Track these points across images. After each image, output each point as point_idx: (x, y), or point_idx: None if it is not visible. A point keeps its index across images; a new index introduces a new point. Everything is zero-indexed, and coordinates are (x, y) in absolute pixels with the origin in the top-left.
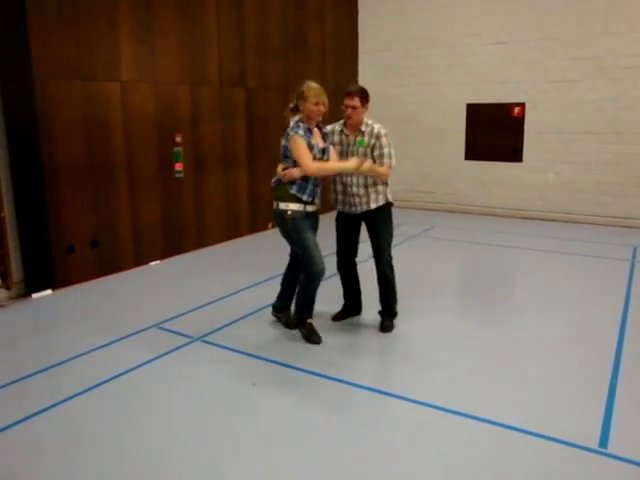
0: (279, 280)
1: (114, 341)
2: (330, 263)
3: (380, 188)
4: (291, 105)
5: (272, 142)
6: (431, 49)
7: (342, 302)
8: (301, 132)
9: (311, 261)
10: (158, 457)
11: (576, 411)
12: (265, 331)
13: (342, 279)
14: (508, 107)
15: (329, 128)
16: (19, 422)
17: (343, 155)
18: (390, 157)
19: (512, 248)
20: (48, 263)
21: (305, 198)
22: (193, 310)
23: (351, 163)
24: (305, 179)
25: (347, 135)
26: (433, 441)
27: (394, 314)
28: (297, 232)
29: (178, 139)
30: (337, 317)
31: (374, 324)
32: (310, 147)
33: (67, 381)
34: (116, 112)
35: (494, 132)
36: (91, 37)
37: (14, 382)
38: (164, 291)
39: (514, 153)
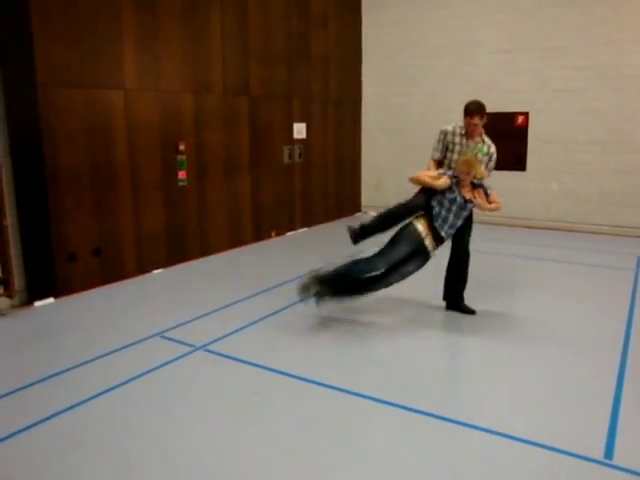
0: (283, 288)
1: (116, 350)
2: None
3: None
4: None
5: (275, 150)
6: (434, 58)
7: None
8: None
9: None
10: (160, 467)
11: (581, 422)
12: (268, 340)
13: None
14: (511, 116)
15: (449, 128)
16: (21, 431)
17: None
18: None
19: (515, 257)
20: (50, 271)
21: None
22: (196, 319)
23: (442, 181)
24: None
25: (467, 139)
26: (436, 451)
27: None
28: None
29: (181, 147)
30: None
31: (380, 335)
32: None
33: (69, 390)
34: (119, 120)
35: (497, 141)
36: (95, 45)
37: (16, 391)
38: (167, 299)
39: (517, 162)
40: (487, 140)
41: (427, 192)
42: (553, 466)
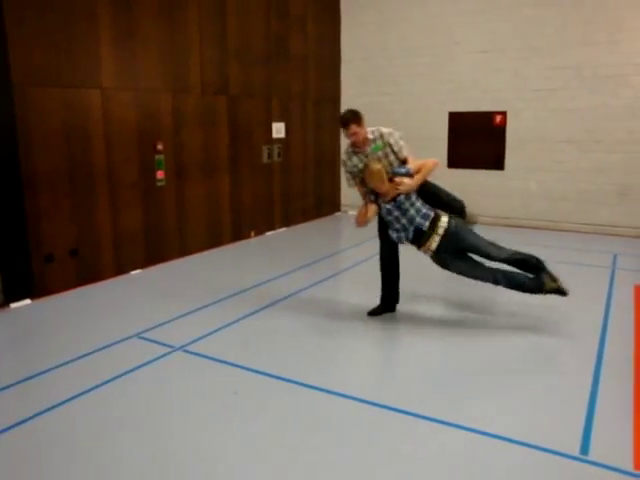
0: (261, 288)
1: (94, 351)
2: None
3: None
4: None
5: (254, 150)
6: (414, 58)
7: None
8: None
9: None
10: (140, 468)
11: (557, 418)
12: (247, 340)
13: (384, 273)
14: (490, 115)
15: (344, 157)
16: None
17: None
18: (403, 148)
19: None
20: (27, 272)
21: None
22: (175, 319)
23: (371, 211)
24: None
25: (361, 152)
26: (413, 448)
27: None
28: None
29: (159, 147)
30: (374, 312)
31: (360, 335)
32: None
33: (47, 392)
34: (97, 120)
35: (476, 140)
36: (71, 44)
37: None
38: (145, 300)
39: (496, 161)
40: (380, 132)
41: (379, 228)
42: (528, 462)
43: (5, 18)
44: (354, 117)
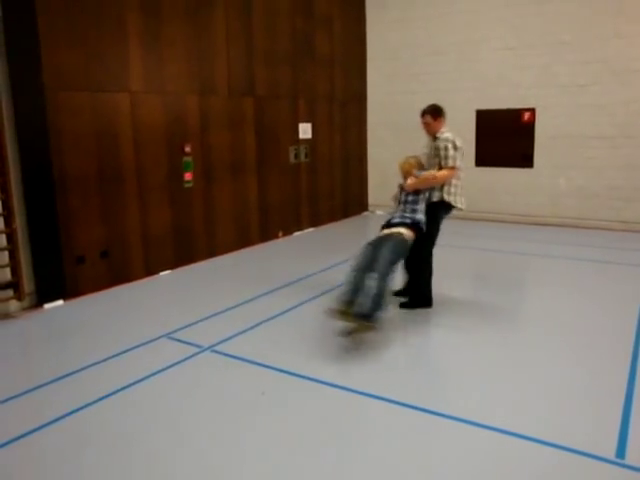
0: (290, 288)
1: (124, 351)
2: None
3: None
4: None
5: (281, 150)
6: (439, 55)
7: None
8: None
9: None
10: (168, 467)
11: (592, 421)
12: (275, 340)
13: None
14: (518, 113)
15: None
16: (32, 432)
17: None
18: (447, 158)
19: (523, 255)
20: (59, 274)
21: None
22: (203, 320)
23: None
24: None
25: (429, 140)
26: (445, 451)
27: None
28: None
29: (187, 149)
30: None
31: (388, 335)
32: None
33: (79, 391)
34: (125, 123)
35: (504, 138)
36: (100, 48)
37: (27, 392)
38: (174, 301)
39: (525, 159)
40: (442, 135)
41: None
42: (564, 466)
43: (38, 24)
44: (431, 110)
